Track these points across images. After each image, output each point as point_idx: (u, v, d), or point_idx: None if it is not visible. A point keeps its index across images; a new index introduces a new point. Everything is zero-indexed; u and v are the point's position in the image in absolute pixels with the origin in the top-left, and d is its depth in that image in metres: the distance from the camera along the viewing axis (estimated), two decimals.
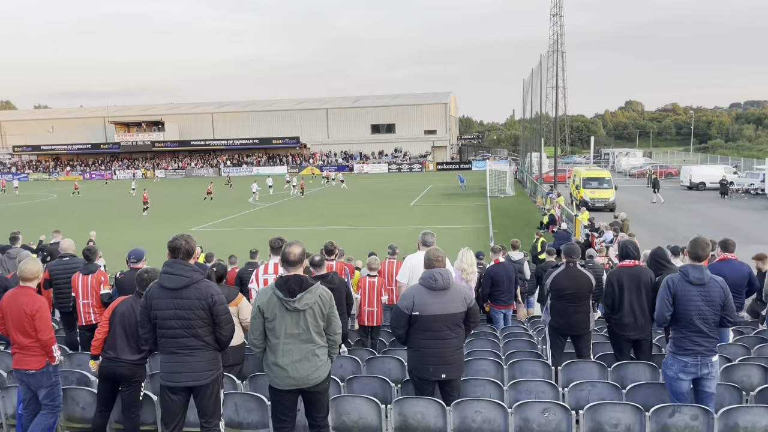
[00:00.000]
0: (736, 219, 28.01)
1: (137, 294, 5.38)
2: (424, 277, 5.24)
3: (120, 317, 5.28)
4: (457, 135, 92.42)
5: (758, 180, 38.79)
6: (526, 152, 57.20)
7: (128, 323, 5.25)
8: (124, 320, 5.26)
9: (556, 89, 43.76)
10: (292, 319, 4.48)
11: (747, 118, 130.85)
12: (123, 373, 5.22)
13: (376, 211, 34.03)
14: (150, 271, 5.48)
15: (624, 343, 6.60)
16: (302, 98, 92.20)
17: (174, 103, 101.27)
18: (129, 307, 5.32)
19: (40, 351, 5.30)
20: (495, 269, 9.46)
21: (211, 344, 4.69)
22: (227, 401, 5.26)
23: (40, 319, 5.23)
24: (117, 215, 34.90)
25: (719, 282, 5.12)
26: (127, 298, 5.48)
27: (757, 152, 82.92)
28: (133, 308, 5.28)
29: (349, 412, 5.22)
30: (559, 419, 4.97)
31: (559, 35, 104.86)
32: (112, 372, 5.22)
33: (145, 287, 5.31)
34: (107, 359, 5.25)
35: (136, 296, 5.38)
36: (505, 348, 7.68)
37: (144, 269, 5.58)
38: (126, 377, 5.24)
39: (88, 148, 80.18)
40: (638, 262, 6.62)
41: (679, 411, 4.88)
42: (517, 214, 31.59)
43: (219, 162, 77.73)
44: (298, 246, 4.60)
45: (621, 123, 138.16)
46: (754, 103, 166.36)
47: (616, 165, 67.25)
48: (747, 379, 6.09)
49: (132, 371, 5.25)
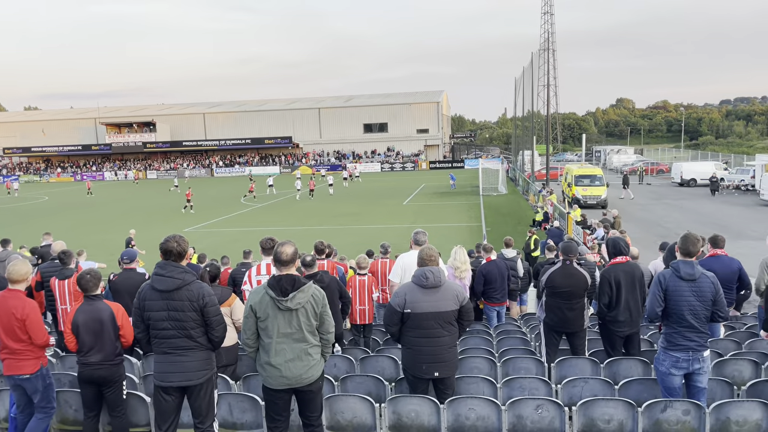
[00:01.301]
0: (727, 215, 28.19)
1: (87, 298, 5.26)
2: (416, 275, 5.25)
3: (83, 325, 5.14)
4: (450, 134, 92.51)
5: (748, 176, 39.04)
6: (518, 150, 57.34)
7: (93, 328, 5.14)
8: (88, 327, 5.14)
9: (548, 87, 43.98)
10: (285, 318, 4.48)
11: (737, 115, 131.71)
12: (102, 375, 5.16)
13: (369, 210, 34.02)
14: (91, 272, 5.30)
15: (617, 339, 6.65)
16: (294, 98, 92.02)
17: (165, 103, 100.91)
18: (86, 313, 5.18)
19: (32, 354, 5.24)
20: (487, 267, 9.49)
21: (204, 344, 4.68)
22: (221, 401, 5.25)
23: (31, 324, 5.16)
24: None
25: (710, 277, 5.15)
26: (80, 305, 5.31)
27: (747, 148, 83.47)
28: (90, 313, 5.17)
29: (343, 411, 5.22)
30: (553, 416, 4.99)
31: (550, 33, 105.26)
32: (90, 376, 5.17)
33: (90, 289, 5.23)
34: (83, 365, 5.18)
35: (88, 300, 5.26)
36: (498, 345, 7.71)
37: (85, 270, 5.37)
38: (105, 379, 5.18)
39: (80, 149, 79.73)
40: (629, 258, 6.67)
41: (671, 406, 4.91)
42: (509, 212, 31.67)
43: (211, 162, 77.49)
44: (291, 246, 4.60)
45: (612, 120, 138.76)
46: (743, 99, 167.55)
47: (608, 162, 67.51)
48: (738, 373, 6.14)
49: (110, 372, 5.19)
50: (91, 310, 5.20)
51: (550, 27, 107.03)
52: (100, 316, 5.17)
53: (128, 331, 5.29)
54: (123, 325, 5.27)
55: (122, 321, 5.29)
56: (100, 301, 5.29)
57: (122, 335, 5.28)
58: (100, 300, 5.31)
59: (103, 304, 5.27)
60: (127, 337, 5.30)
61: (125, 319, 5.32)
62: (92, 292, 5.29)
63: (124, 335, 5.29)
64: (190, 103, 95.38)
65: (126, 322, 5.32)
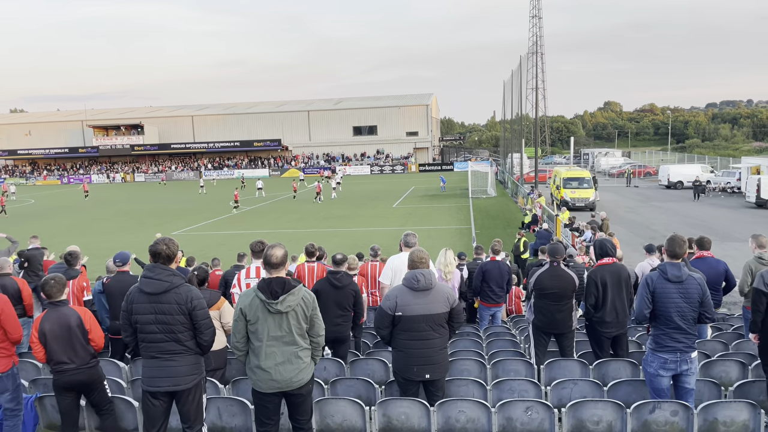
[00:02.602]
0: (713, 217, 28.46)
1: (51, 304, 5.11)
2: (407, 277, 5.25)
3: (50, 333, 5.00)
4: (439, 136, 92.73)
5: (734, 178, 39.46)
6: (507, 153, 57.56)
7: (60, 334, 5.00)
8: (55, 334, 5.00)
9: (536, 90, 44.19)
10: (275, 321, 4.46)
11: (723, 118, 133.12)
12: (80, 379, 5.07)
13: (359, 213, 34.00)
14: (56, 277, 5.13)
15: (604, 340, 6.69)
16: (283, 100, 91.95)
17: (153, 106, 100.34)
18: (52, 320, 5.04)
19: (5, 352, 5.14)
20: (488, 265, 9.36)
21: (193, 348, 4.63)
22: (210, 406, 5.22)
23: (6, 319, 5.07)
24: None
25: (697, 279, 5.20)
26: (44, 313, 5.15)
27: (733, 151, 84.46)
28: (56, 319, 5.04)
29: (333, 414, 5.21)
30: (542, 417, 5.00)
31: (538, 37, 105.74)
32: (69, 382, 5.05)
33: (54, 294, 5.08)
34: (60, 372, 5.04)
35: (52, 306, 5.11)
36: (488, 348, 7.72)
37: (50, 276, 5.18)
38: (84, 382, 5.09)
39: (66, 152, 79.06)
40: (615, 260, 6.71)
41: (660, 407, 4.94)
42: (498, 214, 31.78)
43: (200, 165, 77.12)
44: (280, 248, 4.58)
45: (600, 123, 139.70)
46: (729, 103, 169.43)
47: (596, 165, 67.95)
48: (725, 374, 6.19)
49: (88, 375, 5.10)
50: (58, 316, 5.05)
51: (538, 30, 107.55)
52: (67, 321, 5.03)
53: (97, 335, 5.17)
54: (91, 329, 5.13)
55: (90, 325, 5.14)
56: (66, 307, 5.14)
57: (92, 339, 5.13)
58: (65, 305, 5.16)
59: (69, 310, 5.12)
60: (96, 341, 5.16)
61: (93, 323, 5.19)
62: (56, 297, 5.11)
63: (94, 339, 5.15)
64: (179, 106, 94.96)
65: (94, 326, 5.19)
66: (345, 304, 6.91)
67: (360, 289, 8.28)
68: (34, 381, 6.10)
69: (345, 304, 6.91)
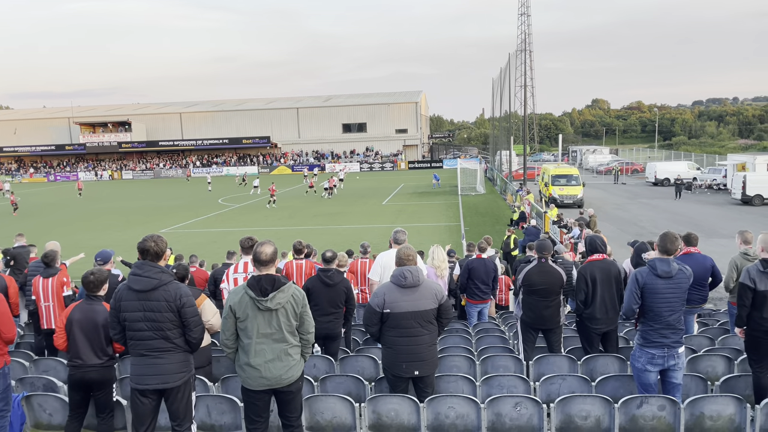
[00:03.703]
0: (700, 214, 28.72)
1: (88, 297, 5.20)
2: (394, 274, 5.26)
3: (77, 324, 5.08)
4: (428, 134, 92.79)
5: (720, 175, 39.82)
6: (496, 150, 57.72)
7: (87, 328, 5.07)
8: (82, 326, 5.07)
9: (525, 88, 44.27)
10: (265, 318, 4.45)
11: (709, 116, 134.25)
12: (93, 378, 5.08)
13: (349, 210, 33.97)
14: (96, 273, 5.28)
15: (594, 336, 6.73)
16: (273, 97, 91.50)
17: (141, 103, 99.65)
18: (83, 312, 5.12)
19: None
20: (474, 263, 9.42)
21: (182, 346, 4.62)
22: (199, 403, 5.20)
23: (0, 318, 5.05)
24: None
25: (686, 271, 5.25)
26: (78, 303, 5.26)
27: (719, 148, 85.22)
28: (87, 313, 5.11)
29: (323, 411, 5.21)
30: (531, 413, 5.03)
31: (526, 35, 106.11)
32: (82, 378, 5.08)
33: (92, 289, 5.18)
34: (75, 367, 5.09)
35: (87, 300, 5.20)
36: (477, 344, 7.75)
37: (90, 271, 5.34)
38: (96, 381, 5.11)
39: (53, 149, 78.33)
40: (606, 256, 6.76)
41: (647, 402, 4.99)
42: (487, 211, 31.88)
43: (188, 162, 76.68)
44: (270, 245, 4.57)
45: (588, 121, 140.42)
46: (715, 100, 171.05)
47: (584, 162, 68.31)
48: (712, 369, 6.25)
49: (101, 374, 5.12)
50: (89, 310, 5.11)
51: (526, 28, 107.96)
52: (95, 318, 5.07)
53: None
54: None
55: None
56: (99, 304, 5.20)
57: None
58: (100, 302, 5.22)
59: (101, 307, 5.17)
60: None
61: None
62: (94, 292, 5.21)
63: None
64: (167, 103, 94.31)
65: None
66: (337, 301, 6.91)
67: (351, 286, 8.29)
68: (21, 380, 6.05)
69: (337, 302, 6.91)
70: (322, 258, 7.13)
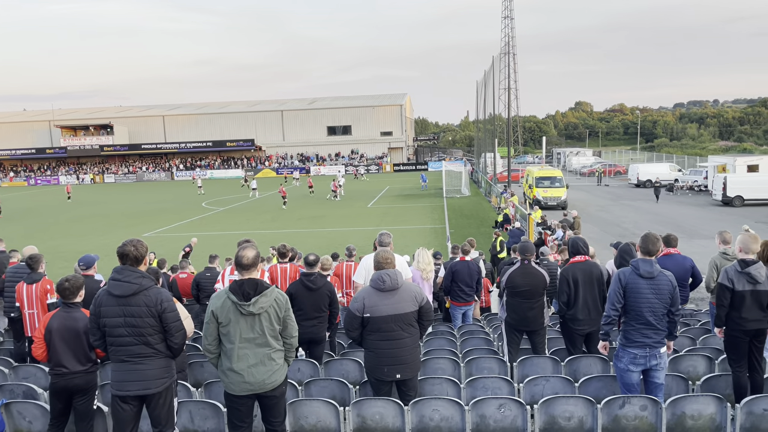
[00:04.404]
0: (681, 215, 29.05)
1: (65, 305, 5.14)
2: (373, 278, 5.26)
3: (57, 333, 5.01)
4: (413, 136, 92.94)
5: (701, 177, 40.33)
6: (480, 153, 57.98)
7: (67, 336, 5.00)
8: (62, 335, 5.01)
9: (508, 90, 44.59)
10: (247, 323, 4.42)
11: (690, 118, 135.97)
12: (77, 384, 5.03)
13: (334, 213, 33.90)
14: (71, 279, 5.22)
15: (577, 337, 6.78)
16: (257, 100, 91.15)
17: (123, 105, 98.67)
18: (61, 321, 5.06)
19: None
20: (457, 266, 9.45)
21: (163, 351, 4.57)
22: (181, 409, 5.15)
23: None
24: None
25: (668, 276, 5.30)
26: (56, 312, 5.19)
27: (700, 150, 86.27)
28: (65, 320, 5.04)
29: (307, 415, 5.18)
30: (515, 414, 5.04)
31: (510, 38, 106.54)
32: (65, 386, 5.02)
33: (68, 296, 5.13)
34: (58, 375, 5.02)
35: (64, 308, 5.14)
36: (462, 346, 7.76)
37: (65, 278, 5.26)
38: (80, 388, 5.05)
39: (33, 153, 77.29)
40: (588, 257, 6.81)
41: (629, 402, 5.02)
42: (472, 213, 31.99)
43: (171, 166, 76.09)
44: (252, 249, 4.54)
45: (571, 123, 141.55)
46: (696, 103, 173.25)
47: (567, 164, 68.83)
48: (693, 369, 6.32)
49: (85, 380, 5.07)
50: (67, 318, 5.05)
51: (510, 31, 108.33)
52: (75, 325, 5.01)
53: None
54: None
55: None
56: (78, 311, 5.14)
57: None
58: (78, 309, 5.16)
59: (80, 314, 5.11)
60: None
61: None
62: (70, 299, 5.14)
63: None
64: (149, 105, 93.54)
65: None
66: (321, 305, 6.86)
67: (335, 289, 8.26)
68: (0, 387, 5.95)
69: (321, 306, 6.87)
70: (305, 262, 7.09)
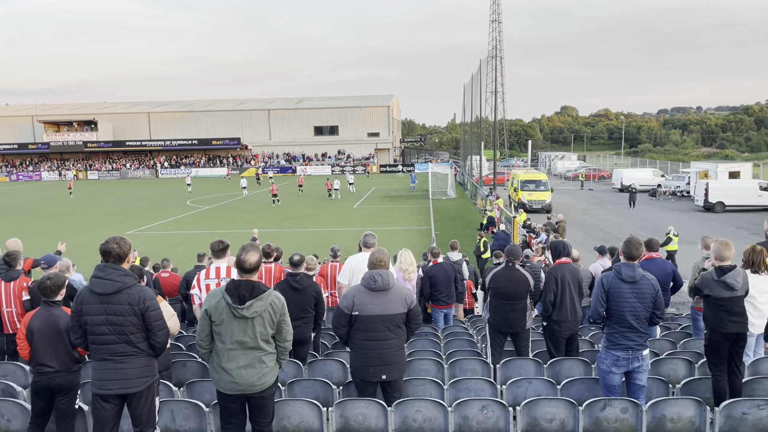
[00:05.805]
0: (664, 220, 29.32)
1: (45, 303, 5.09)
2: (365, 277, 5.25)
3: (38, 332, 4.96)
4: (400, 138, 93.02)
5: (684, 182, 40.79)
6: (466, 155, 58.17)
7: (48, 335, 4.95)
8: (44, 334, 4.95)
9: (495, 94, 44.70)
10: (240, 326, 4.39)
11: (673, 124, 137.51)
12: (59, 383, 4.97)
13: (319, 213, 33.84)
14: (53, 278, 5.16)
15: (560, 340, 6.83)
16: (243, 98, 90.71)
17: (107, 102, 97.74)
18: (42, 320, 5.00)
19: None
20: (433, 270, 9.54)
21: (145, 350, 4.53)
22: (163, 409, 5.10)
23: None
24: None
25: (650, 280, 5.35)
26: (36, 311, 5.14)
27: (683, 156, 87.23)
28: (46, 319, 4.99)
29: (290, 416, 5.16)
30: (498, 416, 5.06)
31: (497, 41, 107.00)
32: (47, 385, 4.96)
33: (49, 294, 5.08)
34: (40, 374, 4.96)
35: (45, 306, 5.09)
36: (445, 347, 7.78)
37: (46, 276, 5.22)
38: (62, 387, 4.99)
39: (15, 148, 76.23)
40: (571, 260, 6.87)
41: (610, 404, 5.07)
42: (458, 215, 32.10)
43: (156, 163, 75.47)
44: (255, 254, 4.47)
45: (557, 127, 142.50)
46: (680, 109, 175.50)
47: (552, 168, 69.27)
48: (673, 372, 6.38)
49: (67, 380, 5.01)
50: (48, 316, 4.99)
51: (498, 35, 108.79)
52: (56, 323, 4.95)
53: None
54: None
55: None
56: (59, 309, 5.08)
57: None
58: (59, 307, 5.10)
59: (61, 312, 5.05)
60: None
61: None
62: (51, 298, 5.08)
63: None
64: (134, 102, 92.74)
65: None
66: (306, 305, 6.84)
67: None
68: None
69: (306, 306, 6.85)
70: (290, 262, 7.07)
